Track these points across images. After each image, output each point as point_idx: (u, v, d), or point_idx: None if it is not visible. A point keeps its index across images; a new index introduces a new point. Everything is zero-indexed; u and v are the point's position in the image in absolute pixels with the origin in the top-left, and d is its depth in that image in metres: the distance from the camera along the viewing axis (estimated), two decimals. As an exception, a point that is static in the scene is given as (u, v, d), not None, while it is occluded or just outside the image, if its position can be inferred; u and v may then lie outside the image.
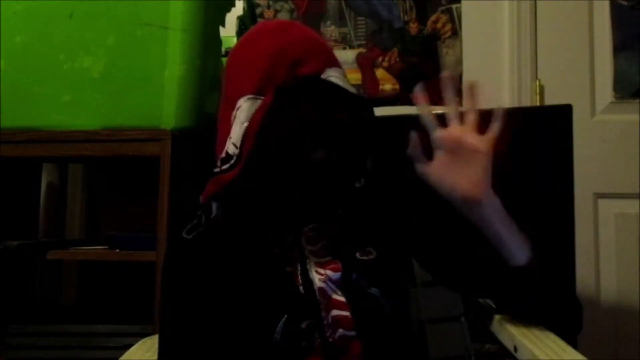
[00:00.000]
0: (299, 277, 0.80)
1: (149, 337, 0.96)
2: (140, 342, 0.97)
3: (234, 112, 0.82)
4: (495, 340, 1.04)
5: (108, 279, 1.70)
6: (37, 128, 1.33)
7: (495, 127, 0.81)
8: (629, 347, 1.67)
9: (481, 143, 0.79)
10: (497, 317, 0.94)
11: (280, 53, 0.82)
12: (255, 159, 0.79)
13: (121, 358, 0.92)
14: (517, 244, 0.79)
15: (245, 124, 0.80)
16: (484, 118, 0.78)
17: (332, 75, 0.83)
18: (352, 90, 0.85)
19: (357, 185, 0.85)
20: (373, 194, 0.87)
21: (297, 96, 0.80)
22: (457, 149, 0.79)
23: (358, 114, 0.84)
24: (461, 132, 0.79)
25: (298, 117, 0.79)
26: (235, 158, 0.80)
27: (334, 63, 0.86)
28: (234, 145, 0.80)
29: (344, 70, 0.87)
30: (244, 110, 0.81)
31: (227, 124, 0.82)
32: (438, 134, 0.81)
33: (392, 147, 0.87)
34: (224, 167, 0.81)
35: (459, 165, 0.78)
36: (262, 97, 0.80)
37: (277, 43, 0.83)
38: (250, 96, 0.81)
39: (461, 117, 0.80)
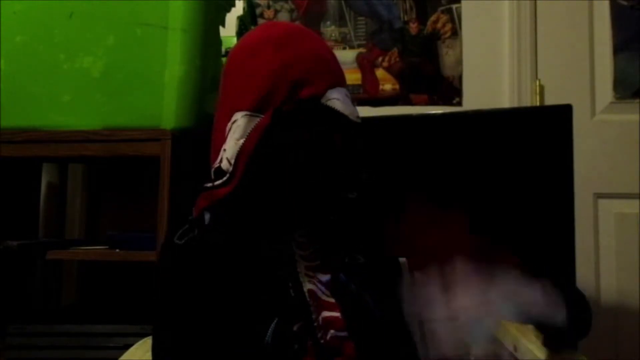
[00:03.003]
0: (289, 280, 0.80)
1: (149, 337, 0.96)
2: (140, 342, 0.98)
3: (229, 124, 0.81)
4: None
5: (108, 279, 1.70)
6: (37, 128, 1.33)
7: None
8: (629, 347, 1.67)
9: None
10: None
11: (282, 70, 0.79)
12: (247, 182, 0.79)
13: (121, 358, 0.93)
14: None
15: (241, 142, 0.79)
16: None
17: (333, 98, 0.81)
18: (353, 112, 0.83)
19: (350, 196, 0.84)
20: (365, 204, 0.86)
21: (295, 122, 0.79)
22: None
23: (353, 140, 0.83)
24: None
25: (293, 145, 0.79)
26: (228, 175, 0.80)
27: (338, 82, 0.84)
28: (228, 160, 0.80)
29: (347, 90, 0.85)
30: (240, 126, 0.80)
31: (222, 133, 0.82)
32: None
33: (389, 150, 0.87)
34: (217, 182, 0.81)
35: None
36: (260, 115, 0.79)
37: (280, 58, 0.80)
38: (247, 113, 0.80)
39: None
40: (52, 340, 1.33)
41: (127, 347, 0.97)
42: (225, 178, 0.80)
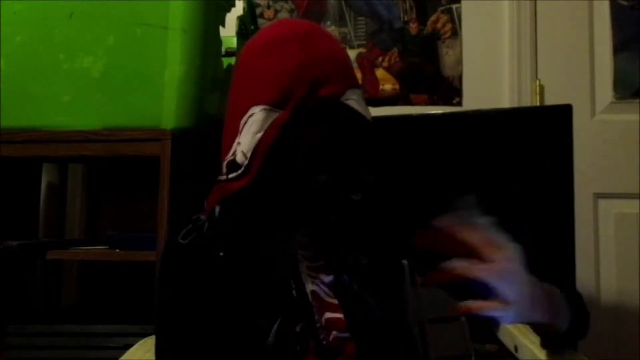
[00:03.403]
0: (292, 280, 0.80)
1: (149, 337, 0.96)
2: (140, 342, 0.98)
3: (245, 118, 0.80)
4: (495, 340, 1.04)
5: (108, 279, 1.70)
6: (37, 128, 1.33)
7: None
8: (629, 347, 1.67)
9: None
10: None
11: (303, 69, 0.79)
12: (264, 176, 0.78)
13: (121, 358, 0.93)
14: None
15: (258, 136, 0.79)
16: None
17: (350, 99, 0.81)
18: (368, 114, 0.84)
19: (355, 197, 0.84)
20: (369, 205, 0.86)
21: (314, 121, 0.78)
22: None
23: (367, 141, 0.83)
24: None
25: (312, 143, 0.78)
26: (243, 169, 0.79)
27: (354, 83, 0.84)
28: (243, 154, 0.79)
29: (361, 91, 0.86)
30: (257, 120, 0.79)
31: (235, 127, 0.81)
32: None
33: (389, 151, 0.87)
34: (231, 175, 0.80)
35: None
36: (278, 111, 0.79)
37: (301, 57, 0.80)
38: (265, 107, 0.79)
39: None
40: (52, 340, 1.33)
41: (127, 347, 0.97)
42: (240, 171, 0.79)
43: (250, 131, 0.79)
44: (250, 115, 0.80)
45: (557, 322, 0.77)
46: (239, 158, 0.79)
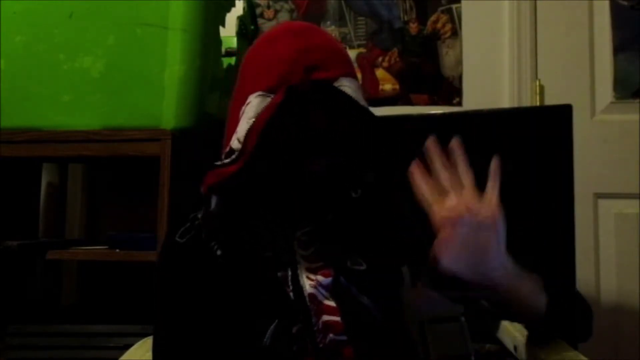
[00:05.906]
0: (290, 282, 0.80)
1: (149, 337, 0.96)
2: (140, 342, 0.98)
3: (243, 108, 0.81)
4: (495, 340, 1.04)
5: (108, 279, 1.70)
6: (37, 128, 1.33)
7: (493, 185, 0.78)
8: (629, 347, 1.67)
9: (487, 209, 0.75)
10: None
11: (299, 55, 0.80)
12: (257, 158, 0.78)
13: (121, 358, 0.93)
14: (533, 299, 0.80)
15: (252, 120, 0.79)
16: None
17: (345, 85, 0.82)
18: (363, 102, 0.83)
19: (354, 195, 0.84)
20: (369, 205, 0.86)
21: (307, 101, 0.78)
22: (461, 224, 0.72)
23: (363, 127, 0.83)
24: (460, 204, 0.74)
25: (304, 124, 0.78)
26: (237, 153, 0.80)
27: (350, 73, 0.85)
28: (238, 140, 0.80)
29: (359, 82, 0.86)
30: (253, 106, 0.80)
31: (236, 119, 0.82)
32: (438, 214, 0.73)
33: (390, 151, 0.87)
34: (226, 160, 0.81)
35: (468, 239, 0.73)
36: (273, 95, 0.79)
37: (297, 44, 0.81)
38: (261, 93, 0.80)
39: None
40: (52, 340, 1.33)
41: (127, 347, 0.97)
42: (234, 156, 0.80)
43: (245, 117, 0.80)
44: (248, 104, 0.81)
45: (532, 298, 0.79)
46: (234, 144, 0.80)
